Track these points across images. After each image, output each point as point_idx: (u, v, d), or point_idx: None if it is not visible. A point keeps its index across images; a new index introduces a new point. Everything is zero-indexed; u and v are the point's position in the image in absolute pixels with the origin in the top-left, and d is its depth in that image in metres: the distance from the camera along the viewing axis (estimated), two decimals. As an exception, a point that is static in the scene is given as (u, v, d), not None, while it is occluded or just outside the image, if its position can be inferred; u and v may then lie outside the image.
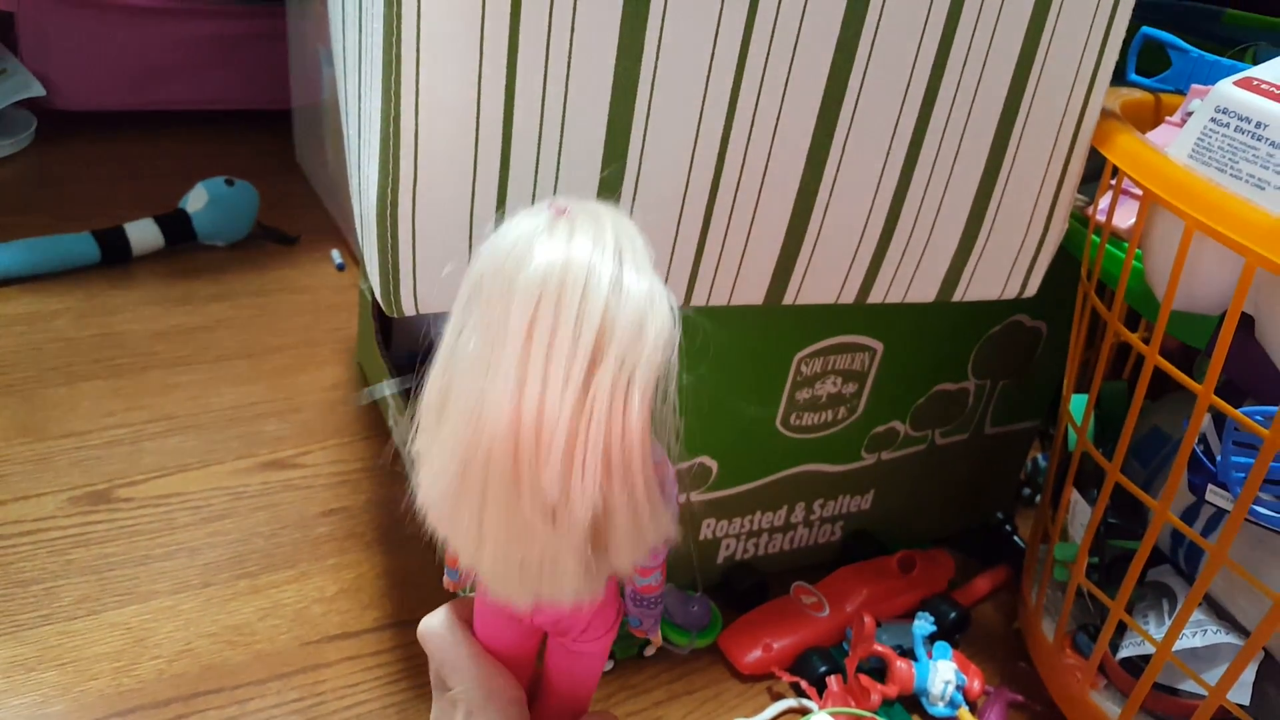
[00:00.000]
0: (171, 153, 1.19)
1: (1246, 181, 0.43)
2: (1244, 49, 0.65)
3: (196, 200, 0.96)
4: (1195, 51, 0.57)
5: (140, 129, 1.21)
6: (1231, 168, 0.43)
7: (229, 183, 0.97)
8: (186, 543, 0.64)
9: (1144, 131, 0.57)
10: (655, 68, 0.39)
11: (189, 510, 0.67)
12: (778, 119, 0.42)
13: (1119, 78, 0.58)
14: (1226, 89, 0.44)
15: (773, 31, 0.40)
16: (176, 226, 0.95)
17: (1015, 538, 0.71)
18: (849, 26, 0.40)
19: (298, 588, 0.62)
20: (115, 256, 0.92)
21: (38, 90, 1.10)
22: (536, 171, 0.40)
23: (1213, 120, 0.44)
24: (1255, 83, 0.44)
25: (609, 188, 0.41)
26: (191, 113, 1.24)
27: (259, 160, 1.19)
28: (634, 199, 0.42)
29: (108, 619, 0.58)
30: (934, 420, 0.64)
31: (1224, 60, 0.56)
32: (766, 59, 0.40)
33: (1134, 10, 0.70)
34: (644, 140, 0.41)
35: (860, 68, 0.42)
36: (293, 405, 0.78)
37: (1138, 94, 0.59)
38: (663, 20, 0.38)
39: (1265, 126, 0.42)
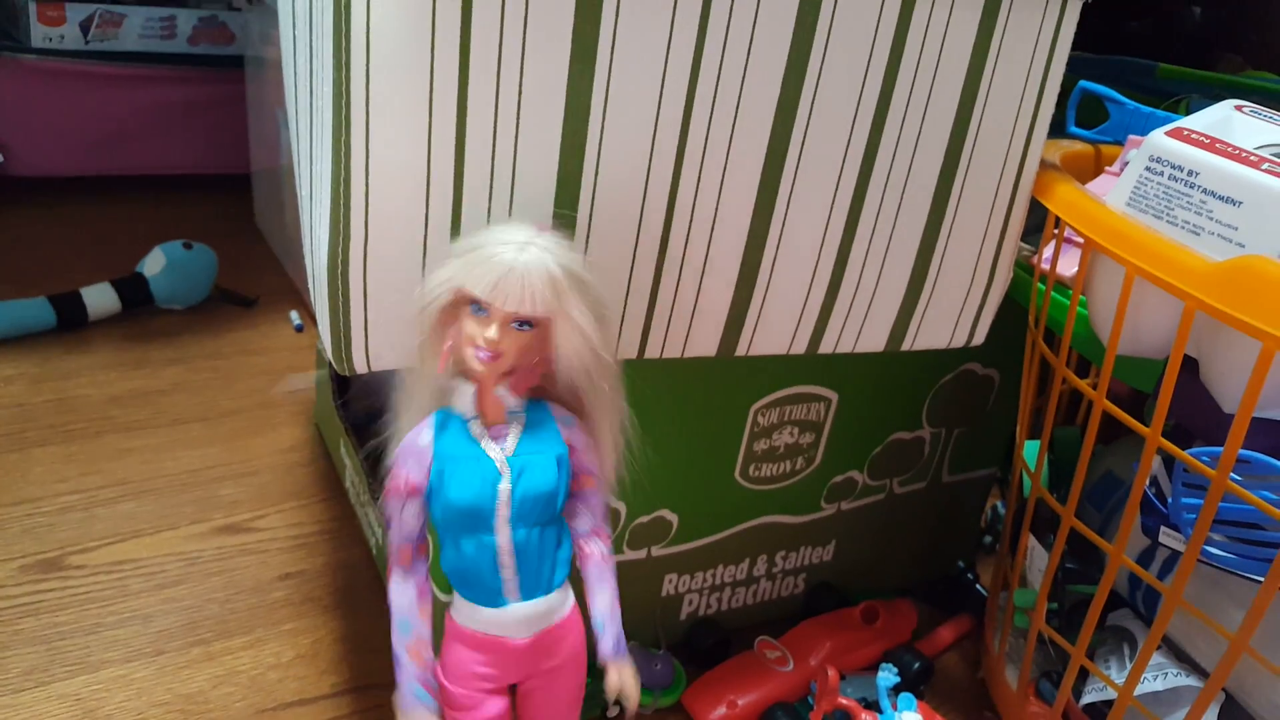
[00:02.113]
0: (130, 217, 1.18)
1: (1182, 228, 0.44)
2: (1177, 101, 0.67)
3: (154, 264, 0.95)
4: (1131, 104, 0.58)
5: (100, 194, 1.21)
6: (1168, 214, 0.45)
7: (187, 246, 0.97)
8: (139, 610, 0.63)
9: (1085, 182, 0.58)
10: (603, 125, 0.40)
11: (142, 577, 0.66)
12: (723, 174, 0.42)
13: (1059, 130, 0.59)
14: (1159, 139, 0.45)
15: (716, 90, 0.40)
16: (133, 290, 0.94)
17: (977, 586, 0.71)
18: (789, 86, 0.41)
19: (253, 654, 0.60)
20: (71, 321, 0.92)
21: (-6, 157, 1.10)
22: (490, 205, 0.41)
23: (1147, 169, 0.45)
24: (1186, 133, 0.45)
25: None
26: (151, 177, 1.24)
27: (219, 224, 1.19)
28: (585, 253, 0.43)
29: (57, 690, 0.56)
30: (891, 469, 0.64)
31: (1159, 112, 0.58)
32: (711, 115, 0.41)
33: (1072, 65, 0.72)
34: (593, 196, 0.41)
35: (802, 125, 0.42)
36: (249, 468, 0.77)
37: (1078, 145, 0.60)
38: (608, 80, 0.39)
39: (1197, 174, 0.44)
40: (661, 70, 0.39)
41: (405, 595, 0.39)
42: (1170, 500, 0.46)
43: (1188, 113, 0.67)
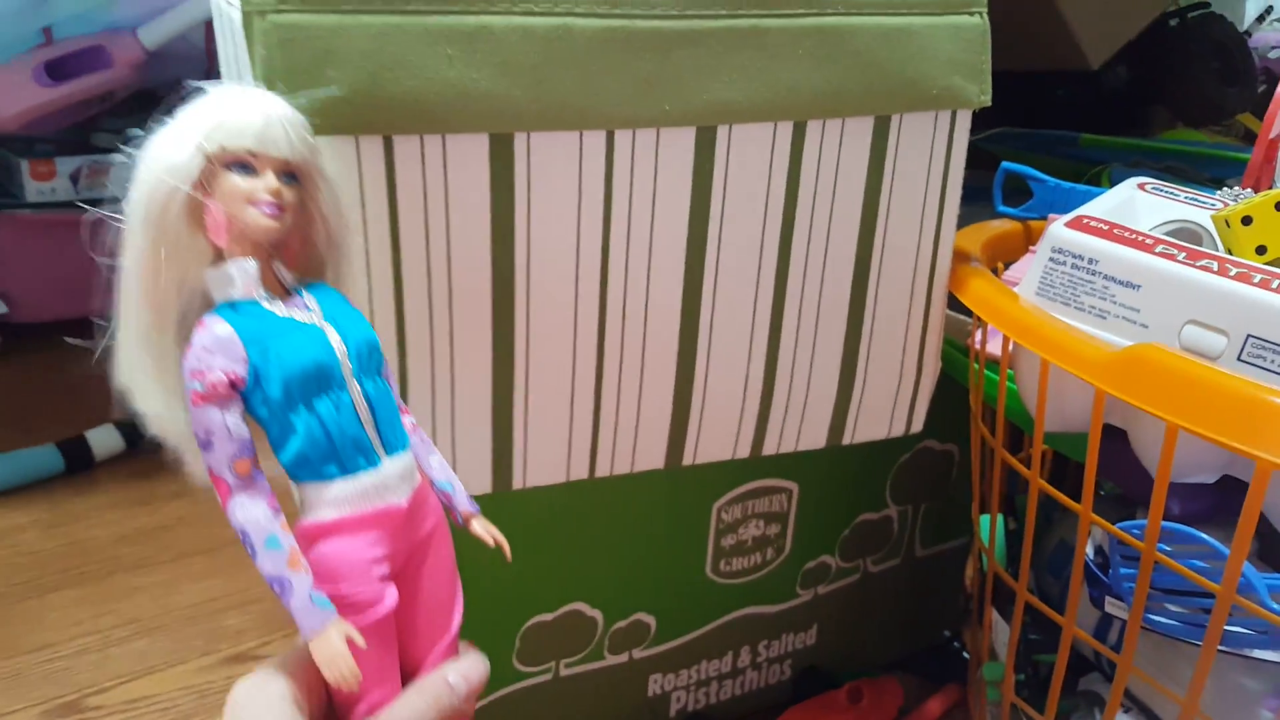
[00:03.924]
0: (132, 352, 1.22)
1: (1090, 313, 0.46)
2: (1099, 172, 0.70)
3: (154, 401, 0.99)
4: (1052, 181, 0.61)
5: (99, 334, 1.25)
6: (1075, 301, 0.47)
7: (185, 382, 1.00)
8: (153, 749, 0.65)
9: (1016, 258, 0.61)
10: (529, 285, 0.43)
11: (156, 713, 0.68)
12: (645, 310, 0.45)
13: (990, 211, 0.62)
14: (1059, 230, 0.47)
15: (628, 239, 0.43)
16: (136, 429, 0.98)
17: (964, 653, 0.72)
18: (695, 225, 0.44)
19: (261, 786, 0.62)
20: (79, 464, 0.95)
21: (-1, 309, 1.15)
22: (433, 374, 0.43)
23: (1051, 260, 0.48)
24: (1085, 221, 0.48)
25: (501, 381, 0.45)
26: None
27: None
28: (526, 386, 0.45)
29: (74, 839, 0.58)
30: (863, 549, 0.66)
31: (1079, 186, 0.60)
32: (626, 262, 0.44)
33: (1003, 140, 0.75)
34: (528, 345, 0.44)
35: (713, 257, 0.45)
36: (251, 596, 0.80)
37: (1007, 225, 0.63)
38: (529, 244, 0.42)
39: (1096, 262, 0.46)
40: (575, 228, 0.42)
41: (258, 510, 0.33)
42: (1110, 571, 0.48)
43: (1110, 182, 0.70)
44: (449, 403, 0.44)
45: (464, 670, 0.36)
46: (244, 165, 0.32)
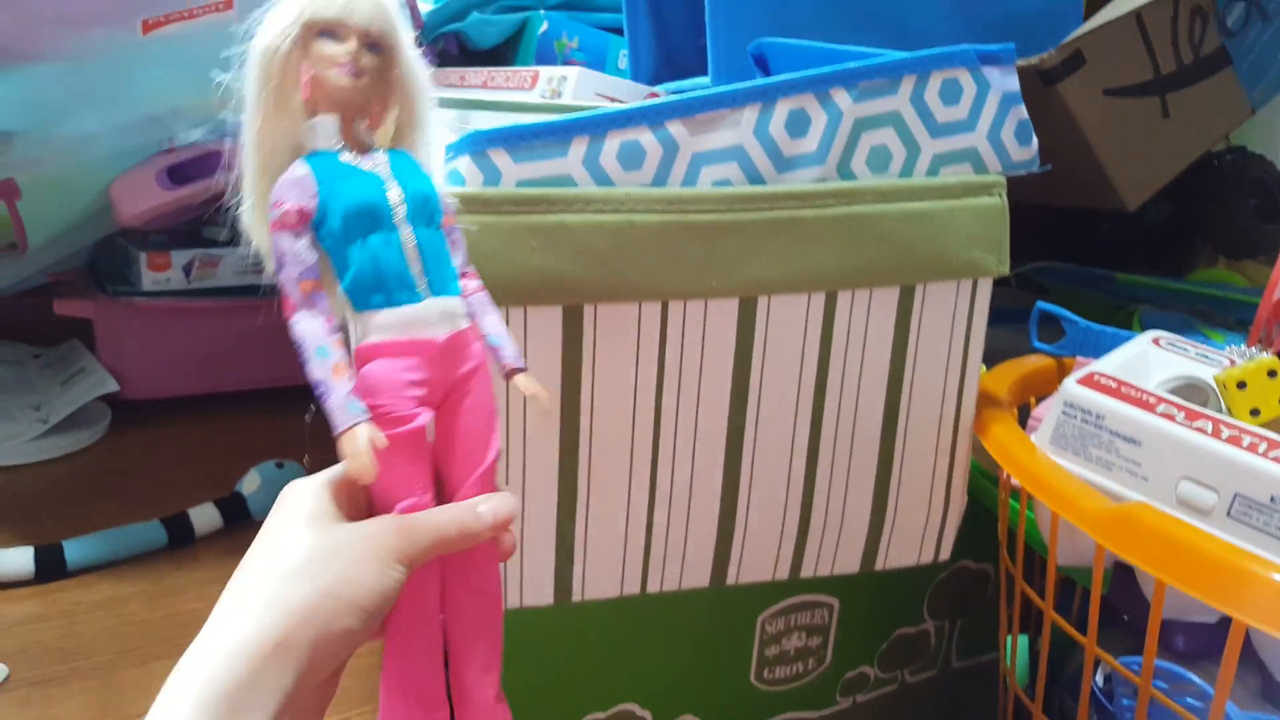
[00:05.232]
0: (229, 431, 1.31)
1: (1096, 463, 0.51)
2: (1129, 314, 0.74)
3: (250, 483, 1.07)
4: (1083, 323, 0.66)
5: (201, 411, 1.35)
6: (1084, 452, 0.52)
7: (279, 465, 1.09)
8: (239, 817, 0.71)
9: (1049, 393, 0.66)
10: (591, 428, 0.49)
11: (245, 783, 0.74)
12: (692, 458, 0.51)
13: (1026, 346, 0.67)
14: (1071, 387, 0.53)
15: (679, 388, 0.50)
16: (233, 508, 1.06)
17: (1000, 763, 0.75)
18: (738, 377, 0.51)
19: None
20: (180, 540, 1.03)
21: (112, 386, 1.24)
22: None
23: (1064, 413, 0.53)
24: (1095, 378, 0.53)
25: (565, 510, 0.51)
26: (248, 391, 1.38)
27: (306, 430, 1.32)
28: (586, 515, 0.51)
29: None
30: (901, 661, 0.70)
31: (1109, 329, 0.65)
32: (677, 411, 0.50)
33: (1045, 274, 0.80)
34: (589, 482, 0.50)
35: (754, 410, 0.52)
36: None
37: (1042, 361, 0.68)
38: (592, 395, 0.49)
39: (1103, 418, 0.51)
40: (633, 382, 0.49)
41: (315, 324, 0.37)
42: (1114, 700, 0.52)
43: (1140, 324, 0.74)
44: (519, 527, 0.50)
45: (494, 504, 0.40)
46: (332, 33, 0.37)
